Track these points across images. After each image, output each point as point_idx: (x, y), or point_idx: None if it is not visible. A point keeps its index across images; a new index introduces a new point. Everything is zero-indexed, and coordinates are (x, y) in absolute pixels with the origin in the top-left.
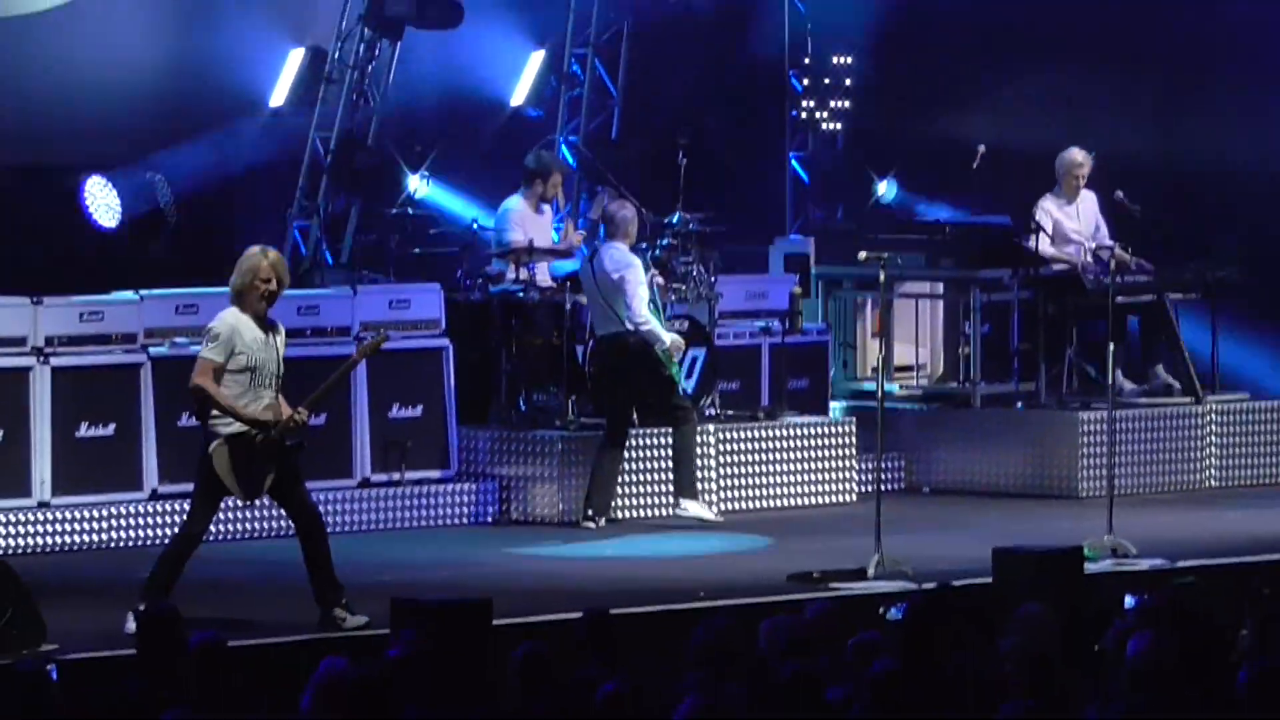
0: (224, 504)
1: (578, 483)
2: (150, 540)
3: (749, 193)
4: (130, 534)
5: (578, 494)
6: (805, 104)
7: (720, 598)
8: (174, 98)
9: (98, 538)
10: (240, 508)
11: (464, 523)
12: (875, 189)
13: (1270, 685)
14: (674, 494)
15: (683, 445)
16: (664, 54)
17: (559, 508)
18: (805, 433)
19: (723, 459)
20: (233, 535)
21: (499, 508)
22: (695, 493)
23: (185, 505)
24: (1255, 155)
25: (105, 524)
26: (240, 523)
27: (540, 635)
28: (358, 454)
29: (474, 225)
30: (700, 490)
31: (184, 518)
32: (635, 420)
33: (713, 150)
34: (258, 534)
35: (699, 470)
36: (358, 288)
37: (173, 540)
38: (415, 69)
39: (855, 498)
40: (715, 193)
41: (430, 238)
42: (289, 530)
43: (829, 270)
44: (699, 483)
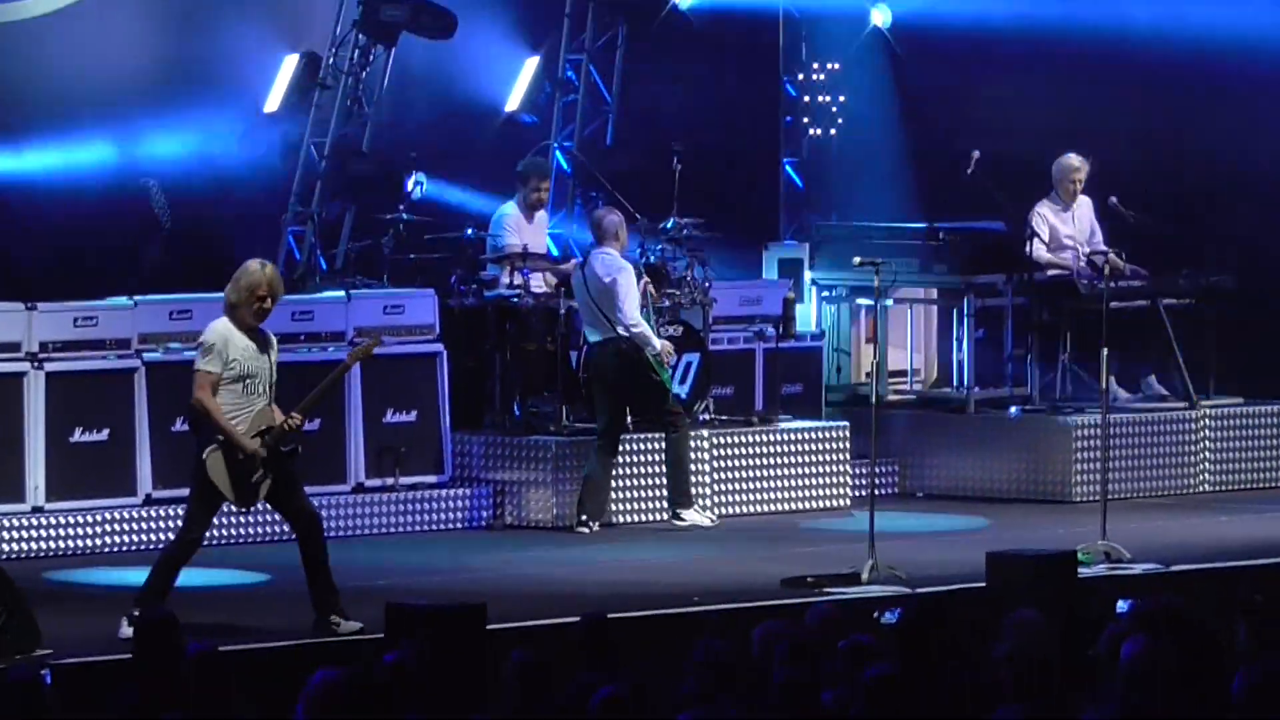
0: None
1: (572, 488)
2: (144, 545)
3: (743, 198)
4: (124, 539)
5: (572, 499)
6: (799, 109)
7: (714, 602)
8: (169, 103)
9: (92, 543)
10: (236, 513)
11: (458, 528)
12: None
13: (1265, 690)
14: (669, 504)
15: (676, 454)
16: (658, 60)
17: (553, 513)
18: (799, 438)
19: (717, 464)
20: (227, 540)
21: (493, 513)
22: (690, 501)
23: (179, 510)
24: (1251, 161)
25: (99, 529)
26: (234, 528)
27: (535, 640)
28: (352, 459)
29: (468, 231)
30: (695, 496)
31: (180, 524)
32: (629, 426)
33: (707, 156)
34: (251, 539)
35: (693, 476)
36: (352, 293)
37: (169, 546)
38: (410, 75)
39: (849, 502)
40: (709, 198)
41: (425, 243)
42: (282, 535)
43: (823, 275)
44: (694, 489)
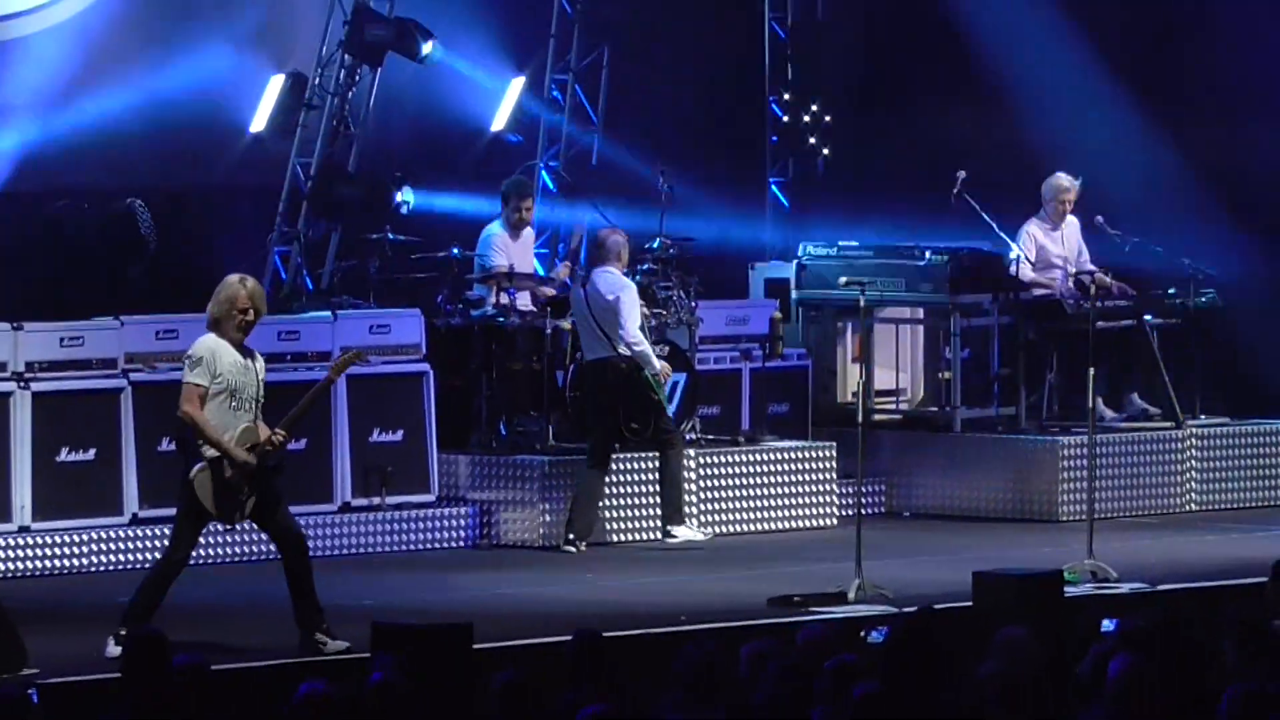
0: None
1: (558, 507)
2: (131, 565)
3: (729, 218)
4: (111, 558)
5: (558, 519)
6: (785, 129)
7: (701, 621)
8: (154, 123)
9: (78, 562)
10: (222, 531)
11: (444, 547)
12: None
13: (1252, 708)
14: (662, 522)
15: (670, 472)
16: (644, 80)
17: (540, 532)
18: (785, 457)
19: (703, 483)
20: (213, 559)
21: (479, 532)
22: (683, 518)
23: (165, 530)
24: (1237, 178)
25: (86, 548)
26: (220, 546)
27: (521, 659)
28: (338, 479)
29: (454, 250)
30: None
31: (167, 543)
32: (617, 445)
33: (693, 175)
34: (237, 558)
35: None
36: (338, 313)
37: (156, 565)
38: (395, 95)
39: (836, 522)
40: (696, 218)
41: (411, 263)
42: (268, 554)
43: (809, 295)
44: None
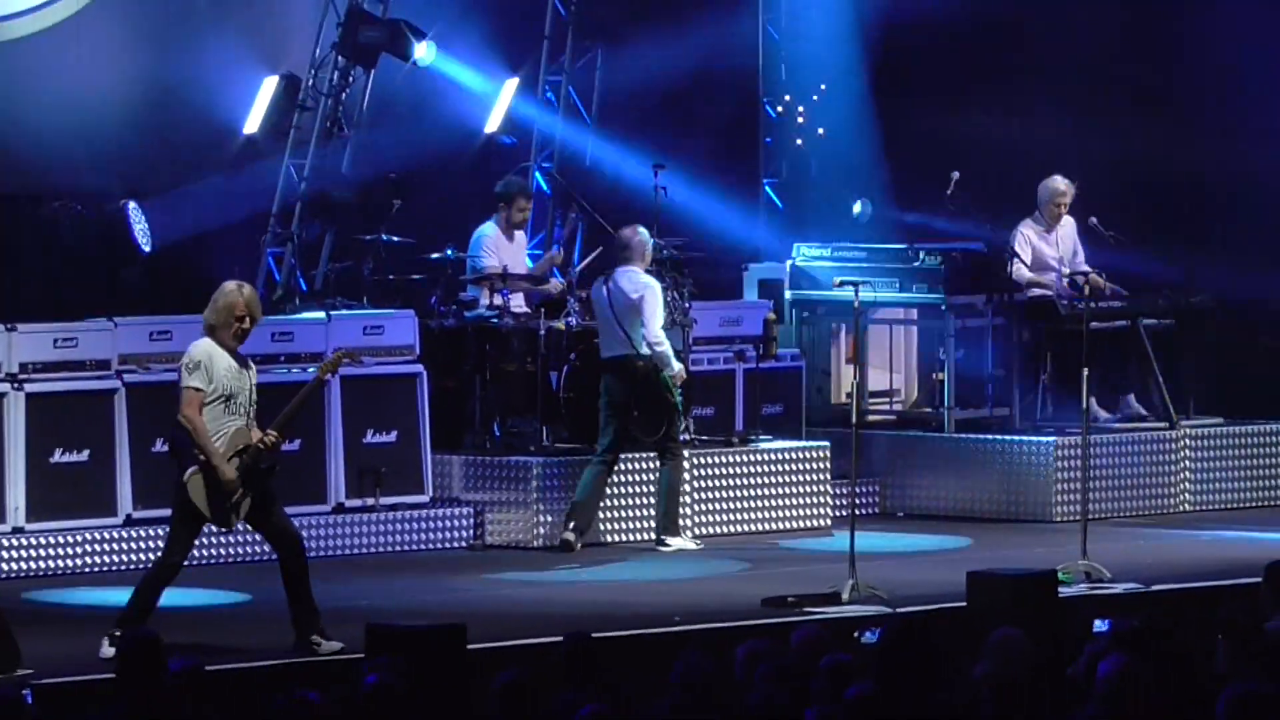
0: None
1: (553, 508)
2: (125, 566)
3: (723, 218)
4: (105, 559)
5: (553, 519)
6: (779, 130)
7: (695, 622)
8: (148, 124)
9: (72, 563)
10: (217, 534)
11: (438, 548)
12: (851, 210)
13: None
14: (657, 531)
15: (669, 483)
16: (637, 81)
17: (534, 533)
18: (779, 458)
19: (697, 484)
20: (208, 560)
21: (473, 533)
22: (678, 530)
23: (160, 531)
24: (1233, 178)
25: (80, 549)
26: (215, 548)
27: (516, 660)
28: (332, 480)
29: (448, 251)
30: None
31: (163, 546)
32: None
33: (687, 176)
34: (232, 559)
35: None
36: (332, 314)
37: (151, 569)
38: (389, 97)
39: (829, 522)
40: (689, 219)
41: (404, 265)
42: (263, 555)
43: (803, 295)
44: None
